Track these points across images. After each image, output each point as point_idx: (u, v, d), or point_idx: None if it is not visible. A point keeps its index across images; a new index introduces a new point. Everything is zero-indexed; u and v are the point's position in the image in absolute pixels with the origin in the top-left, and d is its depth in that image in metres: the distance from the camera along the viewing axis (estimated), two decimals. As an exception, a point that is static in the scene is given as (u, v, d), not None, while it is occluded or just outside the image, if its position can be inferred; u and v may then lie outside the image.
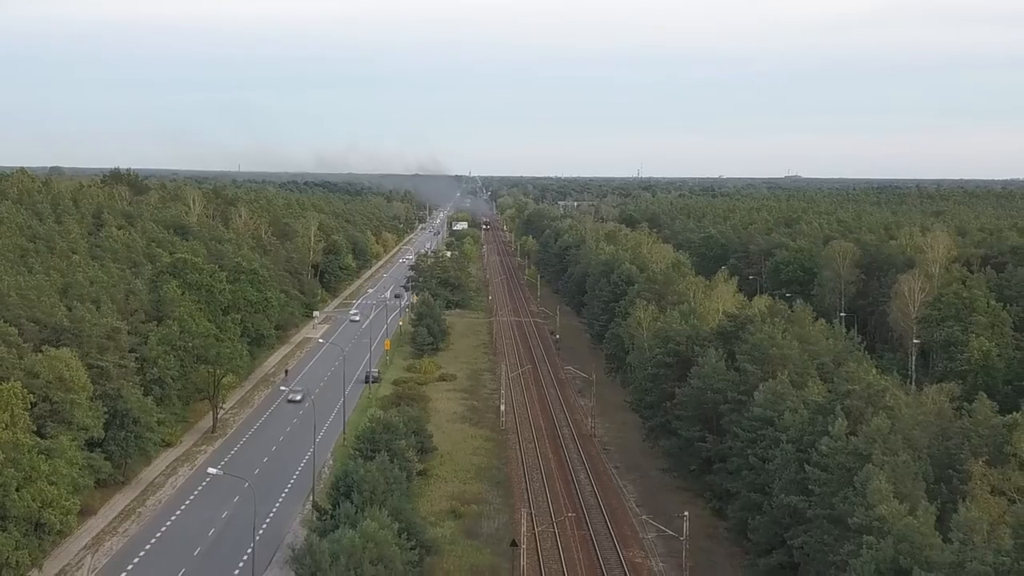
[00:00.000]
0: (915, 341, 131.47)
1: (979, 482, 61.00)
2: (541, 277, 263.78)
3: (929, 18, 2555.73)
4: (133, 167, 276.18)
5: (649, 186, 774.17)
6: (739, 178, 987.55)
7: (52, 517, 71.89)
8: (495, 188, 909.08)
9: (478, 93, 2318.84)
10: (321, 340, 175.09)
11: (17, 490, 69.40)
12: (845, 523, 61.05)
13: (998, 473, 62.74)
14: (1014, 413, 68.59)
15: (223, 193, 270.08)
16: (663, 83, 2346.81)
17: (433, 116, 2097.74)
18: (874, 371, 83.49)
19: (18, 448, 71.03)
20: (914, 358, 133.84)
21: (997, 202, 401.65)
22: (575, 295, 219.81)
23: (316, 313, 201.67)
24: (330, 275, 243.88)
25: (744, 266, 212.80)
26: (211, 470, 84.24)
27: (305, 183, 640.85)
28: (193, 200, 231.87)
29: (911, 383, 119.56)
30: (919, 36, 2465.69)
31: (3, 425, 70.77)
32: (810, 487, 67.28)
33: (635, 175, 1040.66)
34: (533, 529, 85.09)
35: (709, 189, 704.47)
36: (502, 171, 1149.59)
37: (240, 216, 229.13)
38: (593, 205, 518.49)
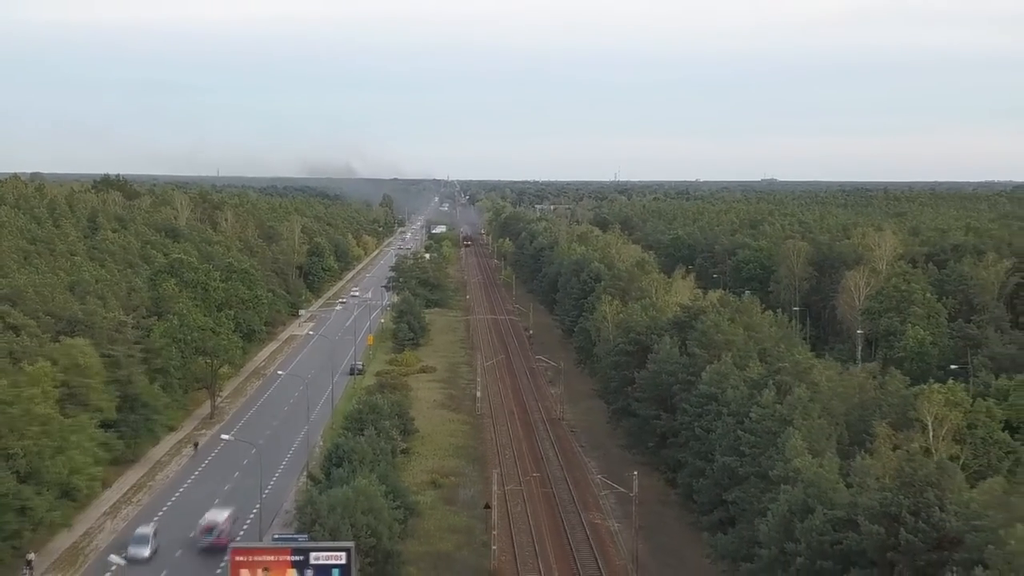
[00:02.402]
0: (859, 332, 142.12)
1: (883, 440, 71.45)
2: (517, 277, 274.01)
3: (901, 20, 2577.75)
4: (110, 172, 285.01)
5: (625, 190, 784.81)
6: (715, 181, 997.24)
7: (80, 483, 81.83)
8: (473, 192, 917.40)
9: (455, 97, 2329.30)
10: (311, 333, 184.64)
11: (50, 458, 79.09)
12: (768, 477, 71.36)
13: (901, 434, 73.28)
14: (920, 385, 79.26)
15: (209, 198, 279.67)
16: (640, 86, 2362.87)
17: (409, 120, 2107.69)
18: (807, 353, 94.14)
19: (49, 421, 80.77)
20: (860, 347, 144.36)
21: (960, 203, 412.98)
22: (548, 294, 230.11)
23: (302, 312, 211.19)
24: (314, 276, 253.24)
25: (709, 265, 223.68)
26: (224, 436, 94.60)
27: (284, 188, 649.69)
28: (181, 204, 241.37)
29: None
30: (893, 38, 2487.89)
31: (36, 401, 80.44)
32: (742, 449, 77.68)
33: (612, 179, 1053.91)
34: (504, 496, 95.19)
35: (684, 192, 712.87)
36: (481, 175, 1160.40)
37: (227, 219, 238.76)
38: (569, 208, 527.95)
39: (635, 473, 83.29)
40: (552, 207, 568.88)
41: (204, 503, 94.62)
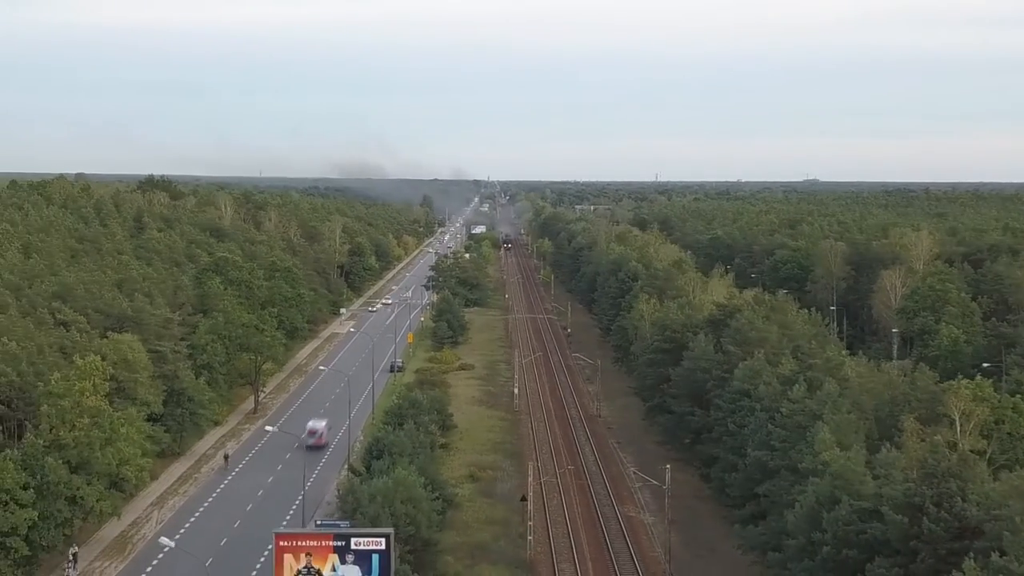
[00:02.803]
0: (894, 331, 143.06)
1: (910, 434, 72.83)
2: (555, 277, 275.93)
3: (952, 20, 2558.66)
4: (154, 173, 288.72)
5: (665, 190, 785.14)
6: (757, 182, 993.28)
7: (129, 473, 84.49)
8: (513, 192, 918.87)
9: (496, 97, 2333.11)
10: (352, 331, 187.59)
11: (100, 449, 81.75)
12: (798, 470, 72.92)
13: (928, 429, 74.61)
14: (948, 381, 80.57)
15: (252, 198, 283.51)
16: (681, 86, 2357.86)
17: (450, 121, 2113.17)
18: (839, 350, 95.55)
19: (100, 413, 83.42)
20: (896, 346, 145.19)
21: (1002, 204, 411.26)
22: (587, 293, 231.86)
23: (343, 310, 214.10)
24: (355, 275, 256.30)
25: (748, 265, 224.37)
26: (268, 428, 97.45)
27: (326, 188, 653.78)
28: (225, 205, 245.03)
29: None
30: (942, 38, 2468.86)
31: (87, 393, 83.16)
32: (773, 443, 79.25)
33: (653, 179, 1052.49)
34: (541, 489, 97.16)
35: (724, 193, 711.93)
36: (521, 176, 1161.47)
37: (270, 219, 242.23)
38: (609, 209, 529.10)
39: (668, 467, 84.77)
40: (592, 207, 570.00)
41: (249, 495, 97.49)
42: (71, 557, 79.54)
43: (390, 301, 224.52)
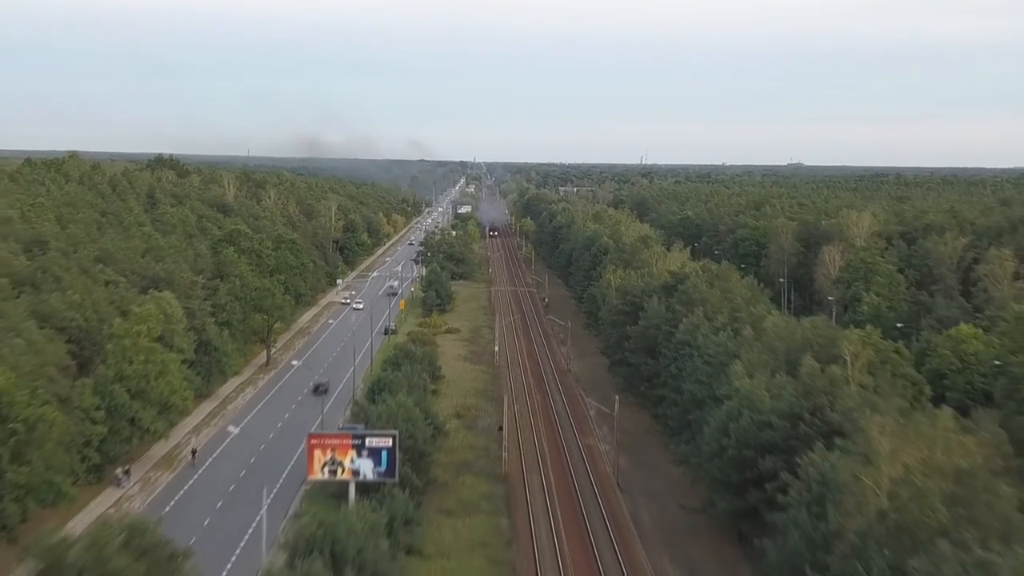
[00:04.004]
0: (830, 299, 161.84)
1: (807, 369, 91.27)
2: (536, 253, 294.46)
3: (943, 7, 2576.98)
4: (144, 151, 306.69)
5: (647, 173, 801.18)
6: (742, 165, 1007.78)
7: (176, 401, 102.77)
8: (499, 174, 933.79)
9: (482, 80, 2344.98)
10: (346, 301, 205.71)
11: (154, 380, 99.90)
12: (718, 397, 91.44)
13: (825, 366, 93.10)
14: (843, 328, 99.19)
15: (252, 176, 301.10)
16: (668, 70, 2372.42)
17: (436, 102, 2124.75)
18: (765, 308, 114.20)
19: (152, 352, 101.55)
20: (834, 312, 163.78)
21: (966, 189, 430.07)
22: (565, 268, 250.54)
23: (339, 281, 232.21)
24: (349, 250, 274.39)
25: (714, 243, 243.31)
26: (294, 362, 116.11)
27: (316, 168, 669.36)
28: (228, 183, 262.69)
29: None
30: (923, 24, 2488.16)
31: (142, 335, 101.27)
32: (701, 378, 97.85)
33: (639, 162, 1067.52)
34: (515, 423, 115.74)
35: (706, 176, 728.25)
36: (507, 157, 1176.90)
37: (270, 197, 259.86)
38: (591, 191, 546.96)
39: (616, 397, 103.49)
40: (575, 189, 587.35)
41: (268, 427, 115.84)
42: (122, 473, 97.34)
43: (361, 304, 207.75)
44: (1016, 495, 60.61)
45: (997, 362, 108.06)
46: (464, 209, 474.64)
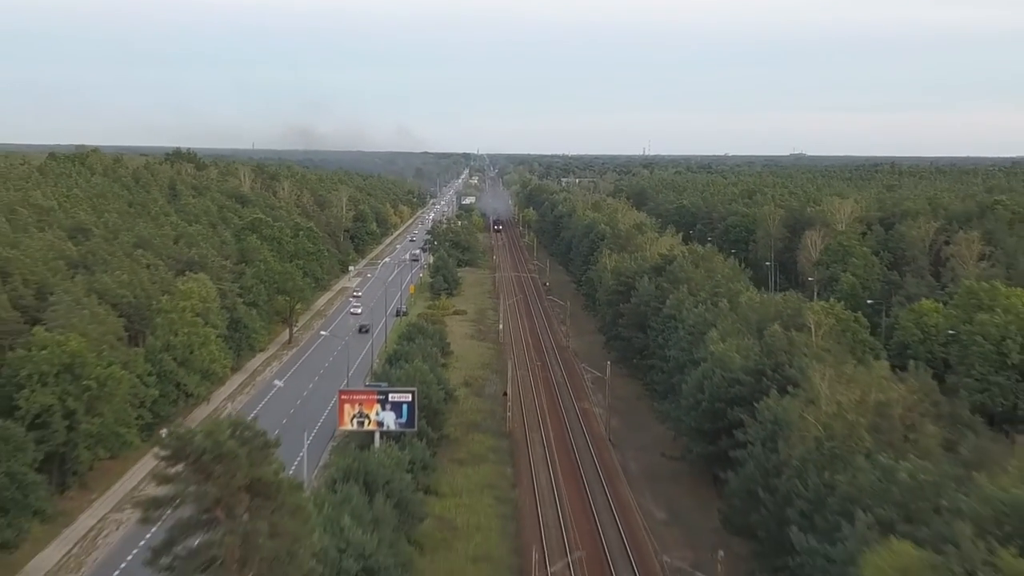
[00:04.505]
0: (810, 279, 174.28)
1: (774, 334, 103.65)
2: (538, 241, 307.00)
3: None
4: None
5: (649, 163, 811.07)
6: (744, 156, 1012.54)
7: (217, 369, 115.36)
8: (502, 166, 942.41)
9: (484, 70, 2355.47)
10: (357, 291, 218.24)
11: (197, 350, 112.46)
12: (695, 360, 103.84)
13: (791, 333, 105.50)
14: (809, 301, 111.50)
15: (267, 169, 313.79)
16: (672, 61, 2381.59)
17: (440, 93, 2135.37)
18: (742, 285, 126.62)
19: (195, 325, 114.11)
20: (815, 292, 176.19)
21: (958, 177, 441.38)
22: (565, 255, 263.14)
23: (351, 268, 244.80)
24: (359, 239, 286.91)
25: (707, 230, 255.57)
26: (322, 332, 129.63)
27: (322, 160, 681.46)
28: (244, 175, 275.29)
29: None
30: (924, 12, 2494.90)
31: (186, 311, 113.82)
32: (683, 345, 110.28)
33: (641, 153, 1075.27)
34: (519, 390, 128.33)
35: (706, 167, 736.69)
36: (511, 149, 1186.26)
37: (284, 188, 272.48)
38: (593, 182, 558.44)
39: (608, 363, 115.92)
40: (577, 180, 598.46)
41: (294, 396, 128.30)
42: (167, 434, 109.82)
43: (358, 300, 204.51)
44: (940, 432, 73.31)
45: (951, 331, 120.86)
46: (468, 200, 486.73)
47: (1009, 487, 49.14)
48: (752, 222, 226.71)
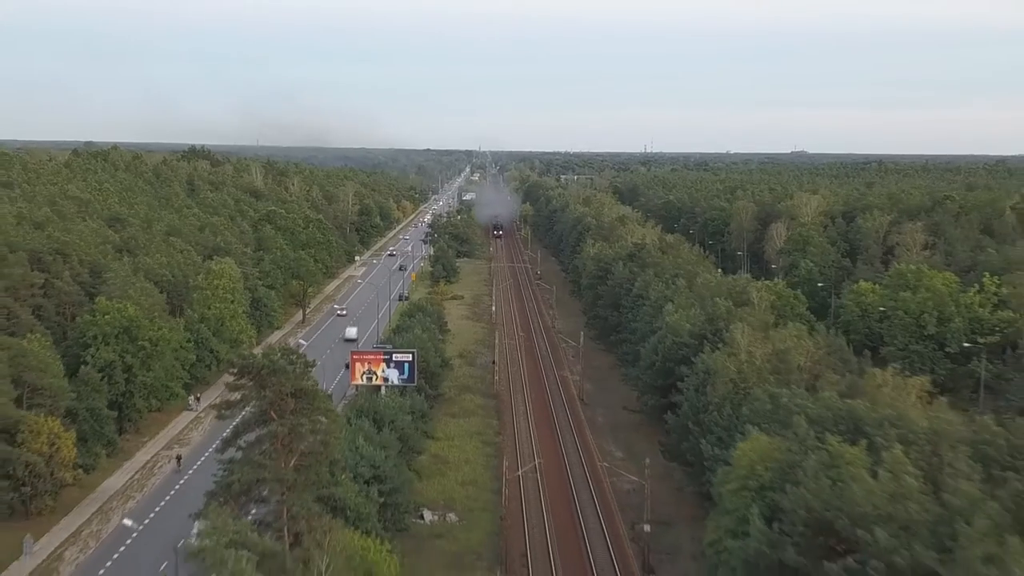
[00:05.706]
0: (773, 267, 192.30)
1: (721, 306, 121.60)
2: (534, 235, 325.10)
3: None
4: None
5: (647, 161, 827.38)
6: (745, 153, 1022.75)
7: (244, 339, 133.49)
8: (503, 163, 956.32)
9: (490, 67, 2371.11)
10: (361, 281, 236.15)
11: (228, 321, 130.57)
12: (654, 330, 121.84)
13: (737, 308, 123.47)
14: (757, 281, 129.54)
15: (276, 166, 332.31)
16: (673, 58, 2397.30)
17: (444, 91, 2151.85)
18: (703, 269, 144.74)
19: (226, 300, 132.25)
20: (779, 277, 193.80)
21: (941, 175, 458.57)
22: (557, 246, 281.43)
23: (357, 258, 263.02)
24: (364, 232, 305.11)
25: (690, 224, 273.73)
26: (338, 310, 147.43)
27: (324, 158, 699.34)
28: (256, 171, 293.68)
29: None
30: (937, 9, 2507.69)
31: (219, 287, 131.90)
32: (645, 318, 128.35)
33: (643, 151, 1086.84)
34: (506, 360, 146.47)
35: (703, 164, 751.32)
36: (512, 146, 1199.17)
37: (294, 184, 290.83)
38: (590, 178, 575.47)
39: (582, 333, 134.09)
40: (575, 177, 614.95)
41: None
42: (194, 399, 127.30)
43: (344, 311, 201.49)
44: (841, 381, 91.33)
45: (882, 308, 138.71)
46: (468, 196, 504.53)
47: (855, 406, 67.16)
48: (728, 216, 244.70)
